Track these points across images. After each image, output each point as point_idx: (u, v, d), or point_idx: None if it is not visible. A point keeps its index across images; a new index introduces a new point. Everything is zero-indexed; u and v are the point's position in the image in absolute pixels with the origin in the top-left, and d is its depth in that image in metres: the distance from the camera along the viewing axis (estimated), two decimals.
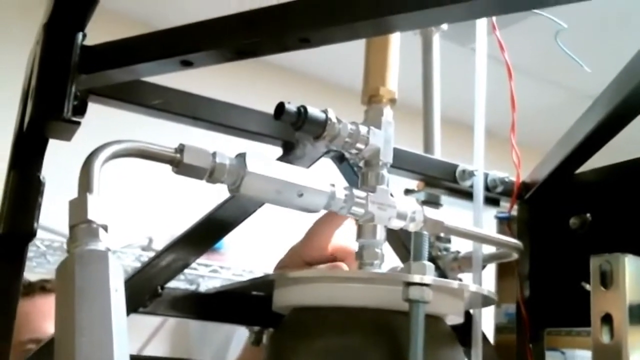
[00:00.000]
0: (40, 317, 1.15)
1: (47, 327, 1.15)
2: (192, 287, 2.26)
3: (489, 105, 0.76)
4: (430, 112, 0.91)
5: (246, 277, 2.20)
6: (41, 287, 1.24)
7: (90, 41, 0.48)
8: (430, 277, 0.48)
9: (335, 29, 0.47)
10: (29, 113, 0.46)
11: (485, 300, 0.58)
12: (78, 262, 0.37)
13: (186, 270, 2.11)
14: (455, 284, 0.51)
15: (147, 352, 2.11)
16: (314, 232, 0.72)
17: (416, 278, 0.47)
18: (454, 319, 0.57)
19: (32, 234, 0.51)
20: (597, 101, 0.70)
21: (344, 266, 0.72)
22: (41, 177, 0.51)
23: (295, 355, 0.51)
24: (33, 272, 1.59)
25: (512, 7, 0.50)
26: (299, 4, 0.44)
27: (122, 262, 2.04)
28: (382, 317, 0.50)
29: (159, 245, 2.19)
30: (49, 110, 0.45)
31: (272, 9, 0.45)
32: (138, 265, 2.08)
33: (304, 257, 0.71)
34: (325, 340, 0.50)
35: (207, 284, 2.25)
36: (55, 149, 0.52)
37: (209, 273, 2.12)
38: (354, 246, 0.59)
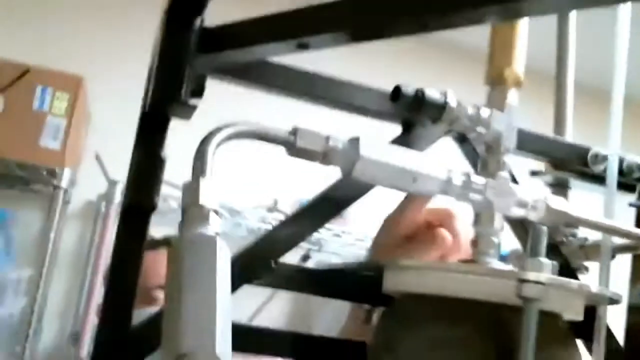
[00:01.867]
0: (165, 267, 1.30)
1: None
2: (315, 248, 2.31)
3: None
4: (564, 89, 0.86)
5: (368, 242, 2.21)
6: (165, 242, 1.38)
7: None
8: (546, 275, 0.45)
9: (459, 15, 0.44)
10: (150, 94, 0.48)
11: (609, 300, 0.54)
12: (186, 246, 0.38)
13: None
14: (574, 283, 0.48)
15: (268, 310, 2.17)
16: (404, 204, 0.70)
17: (531, 276, 0.45)
18: (573, 316, 0.54)
19: (153, 207, 0.53)
20: None
21: (443, 232, 0.69)
22: (162, 155, 0.52)
23: (401, 342, 0.50)
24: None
25: None
26: None
27: (247, 222, 2.12)
28: (493, 310, 0.48)
29: (284, 206, 2.26)
30: (167, 92, 0.46)
31: None
32: (263, 225, 2.15)
33: (398, 230, 0.70)
34: (433, 330, 0.49)
35: (329, 246, 2.29)
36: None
37: (332, 237, 2.16)
38: (453, 208, 0.57)
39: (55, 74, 2.09)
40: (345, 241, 2.24)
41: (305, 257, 2.28)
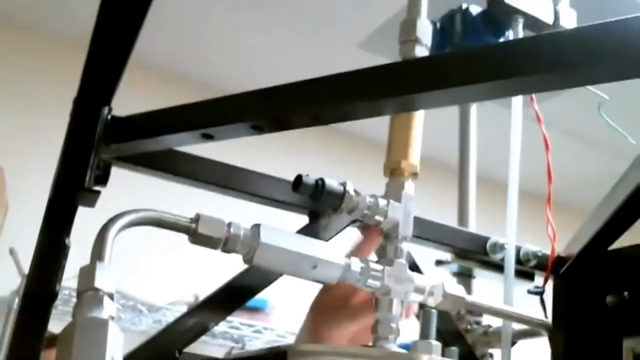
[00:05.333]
0: None
1: None
2: (239, 346, 2.26)
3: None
4: (466, 183, 0.91)
5: (289, 338, 2.19)
6: None
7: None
8: (438, 357, 0.47)
9: (355, 106, 0.48)
10: (56, 181, 0.49)
11: None
12: (78, 329, 0.38)
13: (231, 330, 2.13)
14: None
15: None
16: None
17: (424, 358, 0.47)
18: None
19: (54, 295, 0.52)
20: (624, 176, 0.68)
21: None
22: (67, 242, 0.53)
23: None
24: None
25: (536, 88, 0.50)
26: (307, 83, 0.46)
27: (167, 319, 2.07)
28: None
29: None
30: (72, 179, 0.47)
31: (285, 87, 0.47)
32: None
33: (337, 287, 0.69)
34: None
35: (253, 344, 2.25)
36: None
37: (253, 333, 2.12)
38: None
39: None
40: (268, 338, 2.21)
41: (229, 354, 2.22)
